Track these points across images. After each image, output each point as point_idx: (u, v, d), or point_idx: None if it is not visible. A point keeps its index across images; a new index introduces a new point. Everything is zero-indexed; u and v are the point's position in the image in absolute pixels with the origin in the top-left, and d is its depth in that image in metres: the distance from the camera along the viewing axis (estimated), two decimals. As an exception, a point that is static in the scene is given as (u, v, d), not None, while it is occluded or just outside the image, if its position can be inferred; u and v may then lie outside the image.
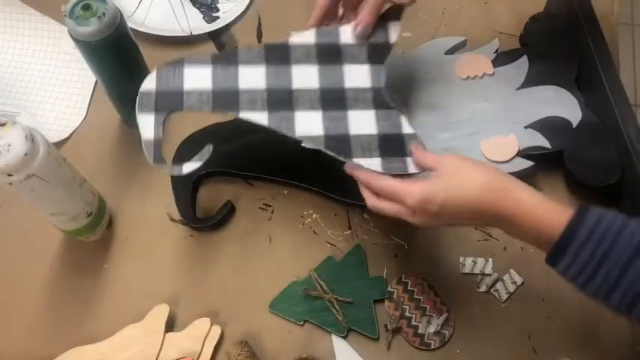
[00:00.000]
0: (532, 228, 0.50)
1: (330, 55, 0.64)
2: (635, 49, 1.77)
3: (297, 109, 0.62)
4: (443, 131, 0.72)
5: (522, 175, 0.68)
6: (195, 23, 0.85)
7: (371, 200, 0.58)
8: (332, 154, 0.60)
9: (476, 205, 0.52)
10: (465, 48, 0.78)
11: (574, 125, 0.71)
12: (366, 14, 0.63)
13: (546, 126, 0.71)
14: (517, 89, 0.74)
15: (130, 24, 0.67)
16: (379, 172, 0.58)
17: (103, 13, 0.61)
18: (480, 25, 0.83)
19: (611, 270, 0.46)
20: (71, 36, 0.62)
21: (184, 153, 0.73)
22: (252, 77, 0.62)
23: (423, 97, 0.74)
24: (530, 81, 0.74)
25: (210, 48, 0.83)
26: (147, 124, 0.61)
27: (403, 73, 0.76)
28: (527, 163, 0.69)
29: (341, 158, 0.60)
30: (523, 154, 0.69)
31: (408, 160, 0.60)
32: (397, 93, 0.75)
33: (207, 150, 0.62)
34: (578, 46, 0.75)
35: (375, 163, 0.60)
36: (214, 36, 0.84)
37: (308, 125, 0.61)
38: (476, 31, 0.82)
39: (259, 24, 0.85)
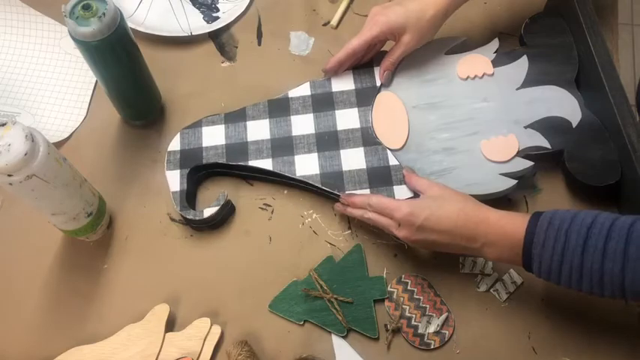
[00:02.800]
0: (502, 239, 0.57)
1: (323, 103, 0.74)
2: (635, 49, 1.77)
3: (296, 153, 0.71)
4: (443, 131, 0.72)
5: (522, 175, 0.69)
6: (195, 23, 0.85)
7: (361, 211, 0.65)
8: (327, 189, 0.69)
9: (454, 224, 0.59)
10: (465, 48, 0.78)
11: (574, 125, 0.71)
12: (390, 63, 0.74)
13: (546, 126, 0.71)
14: (517, 89, 0.74)
15: (130, 24, 0.67)
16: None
17: (103, 13, 0.61)
18: (480, 25, 0.83)
19: (573, 261, 0.52)
20: (71, 36, 0.62)
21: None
22: (258, 130, 0.73)
23: (423, 97, 0.74)
24: (530, 81, 0.74)
25: (210, 48, 0.83)
26: (174, 178, 0.71)
27: (403, 73, 0.76)
28: (527, 163, 0.69)
29: (335, 192, 0.69)
30: (523, 154, 0.69)
31: (394, 188, 0.69)
32: (397, 93, 0.75)
33: (223, 196, 0.69)
34: (578, 46, 0.75)
35: (365, 193, 0.68)
36: (214, 36, 0.84)
37: (306, 166, 0.71)
38: (476, 31, 0.82)
39: (259, 24, 0.85)
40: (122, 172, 0.74)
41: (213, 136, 0.73)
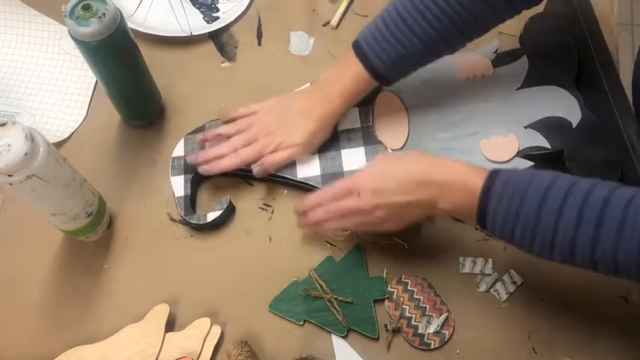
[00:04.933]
0: (458, 186, 0.56)
1: None
2: (635, 49, 1.77)
3: None
4: (443, 131, 0.72)
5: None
6: (195, 23, 0.85)
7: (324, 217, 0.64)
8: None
9: (409, 175, 0.59)
10: (465, 48, 0.78)
11: (574, 125, 0.71)
12: (270, 165, 0.70)
13: (546, 126, 0.71)
14: (517, 89, 0.74)
15: (130, 24, 0.67)
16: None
17: (103, 14, 0.61)
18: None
19: (526, 224, 0.52)
20: (71, 36, 0.62)
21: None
22: None
23: (423, 97, 0.74)
24: (530, 81, 0.74)
25: (210, 48, 0.83)
26: (178, 183, 0.71)
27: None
28: (527, 163, 0.69)
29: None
30: (523, 154, 0.69)
31: None
32: (397, 93, 0.75)
33: (226, 200, 0.70)
34: (578, 47, 0.75)
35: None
36: (214, 36, 0.84)
37: (307, 167, 0.71)
38: (476, 31, 0.82)
39: (259, 24, 0.85)
40: (122, 172, 0.74)
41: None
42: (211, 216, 0.69)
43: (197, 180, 0.73)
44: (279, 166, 0.70)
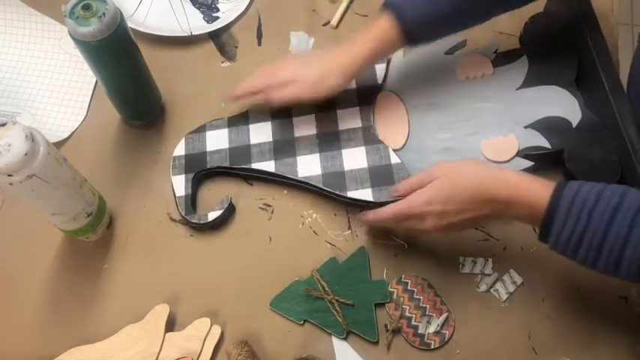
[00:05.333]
0: (521, 202, 0.55)
1: (324, 103, 0.72)
2: (635, 49, 1.77)
3: (298, 155, 0.72)
4: (443, 131, 0.72)
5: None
6: (195, 23, 0.85)
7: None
8: (329, 190, 0.69)
9: (474, 194, 0.58)
10: (465, 48, 0.78)
11: (574, 125, 0.71)
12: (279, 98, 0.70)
13: (546, 126, 0.71)
14: (517, 89, 0.74)
15: (130, 24, 0.67)
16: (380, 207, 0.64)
17: (103, 13, 0.61)
18: (480, 25, 0.83)
19: (591, 245, 0.51)
20: (71, 36, 0.62)
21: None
22: (261, 132, 0.73)
23: (423, 97, 0.74)
24: (530, 81, 0.74)
25: (211, 48, 0.83)
26: (179, 183, 0.71)
27: (403, 73, 0.76)
28: (527, 163, 0.69)
29: (336, 192, 0.69)
30: (523, 154, 0.69)
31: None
32: (397, 93, 0.75)
33: (227, 199, 0.70)
34: (578, 46, 0.75)
35: (366, 192, 0.68)
36: (214, 36, 0.84)
37: (308, 167, 0.71)
38: (476, 31, 0.81)
39: (259, 24, 0.85)
40: (122, 172, 0.74)
41: (217, 140, 0.73)
42: (211, 216, 0.69)
43: (197, 180, 0.73)
44: (283, 100, 0.70)
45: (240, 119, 0.75)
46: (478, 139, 0.71)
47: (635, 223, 0.49)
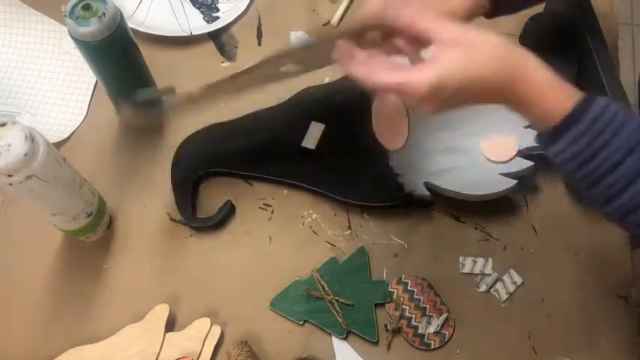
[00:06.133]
0: (538, 108, 0.48)
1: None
2: (635, 49, 1.77)
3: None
4: (443, 131, 0.72)
5: (522, 175, 0.69)
6: (195, 23, 0.85)
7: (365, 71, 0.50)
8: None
9: (489, 80, 0.47)
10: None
11: (574, 125, 0.71)
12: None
13: (546, 126, 0.71)
14: (517, 89, 0.74)
15: (130, 24, 0.67)
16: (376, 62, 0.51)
17: (103, 13, 0.61)
18: (480, 25, 0.83)
19: (602, 163, 0.46)
20: (71, 36, 0.62)
21: (184, 153, 0.74)
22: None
23: (423, 97, 0.74)
24: (530, 81, 0.74)
25: (211, 48, 0.83)
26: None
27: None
28: (527, 163, 0.69)
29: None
30: (523, 154, 0.69)
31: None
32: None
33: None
34: (578, 46, 0.75)
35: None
36: (214, 36, 0.84)
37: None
38: (476, 31, 0.82)
39: (259, 24, 0.85)
40: (122, 172, 0.74)
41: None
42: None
43: (197, 180, 0.73)
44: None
45: (242, 119, 0.74)
46: (478, 139, 0.71)
47: None
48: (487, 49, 0.47)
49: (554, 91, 0.48)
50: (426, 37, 0.48)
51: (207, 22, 0.85)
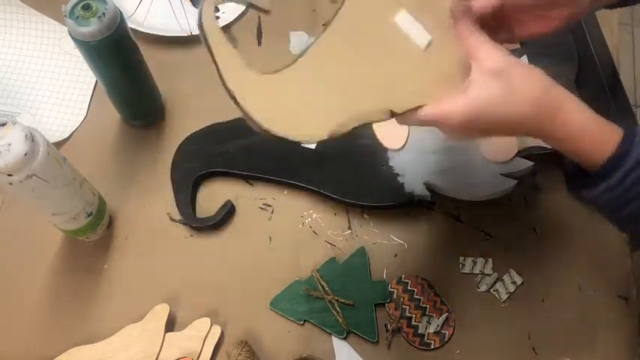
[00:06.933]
0: (575, 149, 0.47)
1: None
2: (635, 49, 1.77)
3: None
4: (443, 131, 0.72)
5: (522, 175, 0.69)
6: (195, 23, 0.84)
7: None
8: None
9: (523, 121, 0.46)
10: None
11: (574, 125, 0.71)
12: None
13: (546, 126, 0.71)
14: (517, 89, 0.74)
15: (130, 24, 0.67)
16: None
17: (103, 13, 0.61)
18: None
19: (636, 210, 0.45)
20: (71, 36, 0.62)
21: (184, 153, 0.74)
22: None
23: (423, 97, 0.74)
24: (530, 81, 0.74)
25: (210, 48, 0.83)
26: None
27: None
28: (527, 163, 0.69)
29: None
30: (523, 154, 0.69)
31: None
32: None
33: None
34: (578, 46, 0.75)
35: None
36: (214, 36, 0.84)
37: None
38: (476, 31, 0.82)
39: (259, 24, 0.85)
40: (122, 172, 0.74)
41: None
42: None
43: (197, 180, 0.73)
44: None
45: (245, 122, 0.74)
46: (478, 139, 0.71)
47: None
48: (528, 87, 0.46)
49: (593, 135, 0.46)
50: (470, 53, 0.47)
51: (207, 22, 0.85)
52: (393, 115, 0.51)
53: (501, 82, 0.45)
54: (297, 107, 0.52)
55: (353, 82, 0.52)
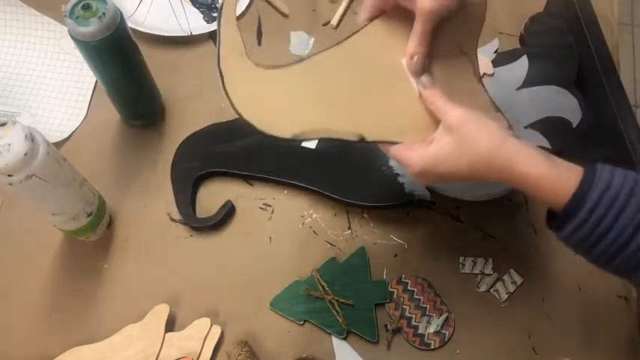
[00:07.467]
0: (536, 198, 0.50)
1: None
2: (635, 49, 1.77)
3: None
4: (443, 131, 0.72)
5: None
6: (195, 23, 0.85)
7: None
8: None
9: (479, 174, 0.50)
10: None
11: (574, 125, 0.71)
12: (414, 45, 0.54)
13: (546, 126, 0.71)
14: (517, 89, 0.74)
15: (130, 24, 0.67)
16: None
17: (103, 13, 0.61)
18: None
19: (612, 243, 0.45)
20: (71, 36, 0.62)
21: (184, 153, 0.74)
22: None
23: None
24: (530, 81, 0.74)
25: (211, 48, 0.83)
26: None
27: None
28: (527, 163, 0.69)
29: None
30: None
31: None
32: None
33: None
34: (578, 46, 0.75)
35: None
36: (214, 36, 0.84)
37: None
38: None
39: (259, 24, 0.85)
40: (122, 172, 0.74)
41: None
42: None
43: (197, 180, 0.73)
44: None
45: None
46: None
47: None
48: (477, 145, 0.49)
49: (549, 184, 0.48)
50: (437, 112, 0.53)
51: (207, 22, 0.85)
52: (362, 140, 0.55)
53: (454, 138, 0.51)
54: (276, 103, 0.55)
55: (340, 100, 0.56)
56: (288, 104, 0.55)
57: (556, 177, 0.48)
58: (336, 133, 0.55)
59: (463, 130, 0.50)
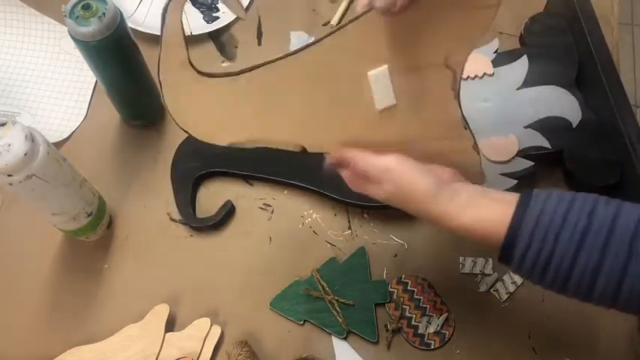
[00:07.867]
0: (476, 241, 0.51)
1: None
2: (635, 49, 1.77)
3: None
4: (443, 131, 0.72)
5: (522, 175, 0.69)
6: (195, 23, 0.85)
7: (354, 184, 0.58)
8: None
9: (419, 214, 0.53)
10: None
11: (574, 125, 0.71)
12: None
13: (546, 126, 0.71)
14: (517, 89, 0.74)
15: (130, 24, 0.67)
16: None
17: (103, 13, 0.61)
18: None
19: (561, 266, 0.46)
20: (71, 36, 0.62)
21: (184, 153, 0.74)
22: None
23: (423, 97, 0.74)
24: (530, 81, 0.74)
25: (211, 48, 0.83)
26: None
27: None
28: (527, 163, 0.69)
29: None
30: (523, 154, 0.69)
31: None
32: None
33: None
34: (578, 46, 0.75)
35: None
36: (214, 36, 0.84)
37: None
38: (476, 31, 0.82)
39: (259, 24, 0.85)
40: (122, 172, 0.74)
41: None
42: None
43: (197, 180, 0.73)
44: None
45: None
46: (478, 139, 0.71)
47: (607, 249, 0.44)
48: (414, 204, 0.52)
49: (484, 227, 0.49)
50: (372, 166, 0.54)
51: (207, 22, 0.85)
52: (303, 151, 0.56)
53: (395, 195, 0.53)
54: (215, 113, 0.55)
55: (284, 110, 0.55)
56: (228, 114, 0.55)
57: (491, 216, 0.49)
58: (277, 143, 0.55)
59: (398, 186, 0.52)
